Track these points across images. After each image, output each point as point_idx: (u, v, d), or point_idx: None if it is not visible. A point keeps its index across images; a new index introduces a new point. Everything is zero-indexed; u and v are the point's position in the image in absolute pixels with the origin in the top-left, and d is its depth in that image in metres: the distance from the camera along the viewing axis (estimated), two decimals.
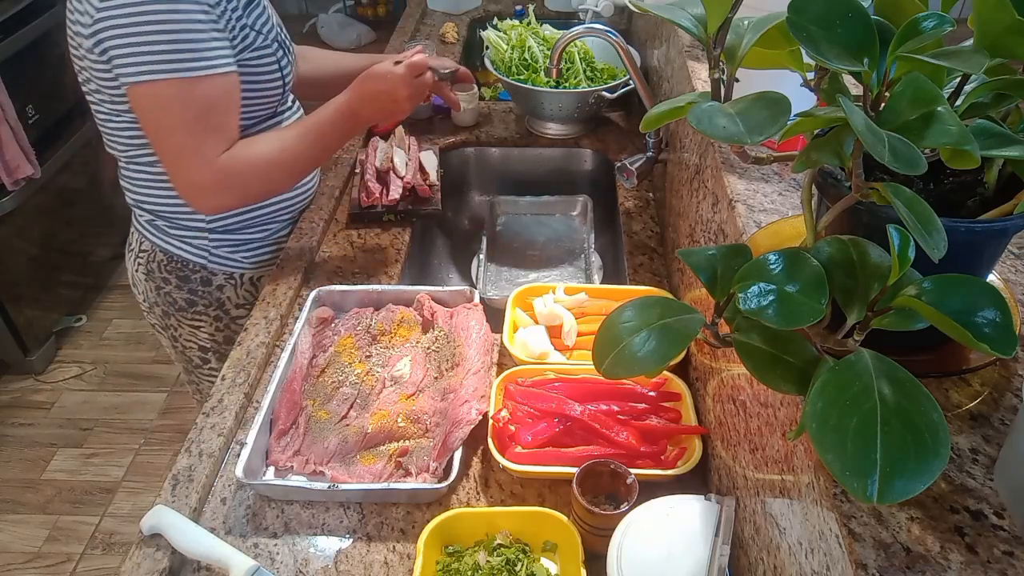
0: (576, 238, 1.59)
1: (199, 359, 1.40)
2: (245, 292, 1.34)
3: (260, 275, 1.34)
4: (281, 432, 0.99)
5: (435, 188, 1.44)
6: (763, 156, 0.61)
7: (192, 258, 1.27)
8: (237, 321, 1.35)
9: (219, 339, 1.37)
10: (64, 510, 2.11)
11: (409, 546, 0.88)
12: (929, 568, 0.46)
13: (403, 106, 1.14)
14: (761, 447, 0.70)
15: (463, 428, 0.95)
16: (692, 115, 0.50)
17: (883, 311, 0.47)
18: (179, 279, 1.29)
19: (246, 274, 1.33)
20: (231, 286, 1.32)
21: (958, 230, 0.48)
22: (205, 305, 1.32)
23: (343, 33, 4.54)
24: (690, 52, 1.22)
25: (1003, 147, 0.48)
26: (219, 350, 1.38)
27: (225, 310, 1.34)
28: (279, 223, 1.34)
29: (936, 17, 0.48)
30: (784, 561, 0.62)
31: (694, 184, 1.09)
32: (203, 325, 1.34)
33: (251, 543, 0.89)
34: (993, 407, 0.56)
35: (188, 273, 1.28)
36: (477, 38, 2.16)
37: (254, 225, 1.30)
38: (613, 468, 0.85)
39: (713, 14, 0.53)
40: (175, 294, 1.30)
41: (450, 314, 1.15)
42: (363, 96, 1.13)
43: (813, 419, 0.42)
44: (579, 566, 0.80)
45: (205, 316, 1.33)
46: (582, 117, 1.65)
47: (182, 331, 1.36)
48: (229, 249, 1.29)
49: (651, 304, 0.55)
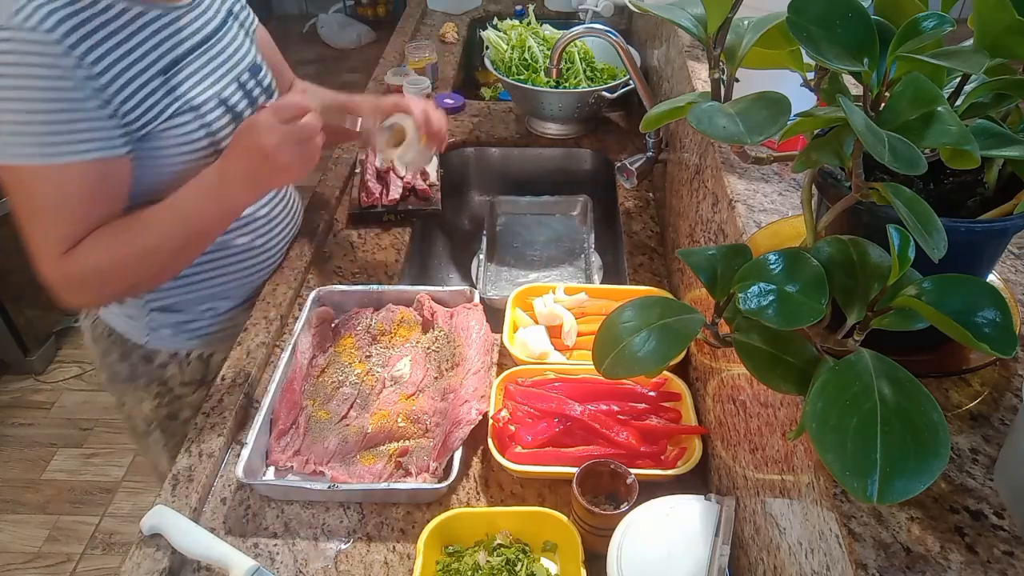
0: (576, 238, 1.59)
1: (143, 428, 1.26)
2: (193, 370, 1.20)
3: (212, 352, 1.19)
4: (281, 432, 0.99)
5: (435, 188, 1.44)
6: (763, 156, 0.61)
7: (130, 336, 1.15)
8: (182, 399, 1.22)
9: (162, 414, 1.23)
10: (64, 510, 2.11)
11: (409, 546, 0.88)
12: (929, 568, 0.46)
13: (276, 162, 0.90)
14: (761, 447, 0.70)
15: (463, 428, 0.95)
16: (692, 115, 0.50)
17: (883, 311, 0.47)
18: (120, 352, 1.17)
19: (193, 352, 1.19)
20: (175, 364, 1.18)
21: (958, 230, 0.48)
22: (146, 382, 1.19)
23: (343, 33, 4.54)
24: (690, 52, 1.22)
25: (1003, 147, 0.48)
26: (163, 424, 1.24)
27: (168, 387, 1.20)
28: (231, 300, 1.18)
29: (936, 17, 0.48)
30: (784, 561, 0.62)
31: (694, 184, 1.09)
32: (146, 399, 1.21)
33: (251, 543, 0.89)
34: (993, 407, 0.56)
35: (129, 348, 1.16)
36: (477, 38, 2.16)
37: (197, 304, 1.15)
38: (613, 468, 0.85)
39: (713, 14, 0.53)
40: (116, 366, 1.19)
41: (450, 314, 1.15)
42: (229, 157, 0.94)
43: (813, 419, 0.43)
44: (579, 566, 0.80)
45: (146, 392, 1.20)
46: (582, 117, 1.65)
47: (126, 399, 1.24)
48: (170, 330, 1.15)
49: (651, 304, 0.55)
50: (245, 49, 1.11)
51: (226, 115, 1.03)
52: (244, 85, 1.08)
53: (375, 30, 4.62)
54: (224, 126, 1.02)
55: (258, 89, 1.11)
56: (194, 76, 0.99)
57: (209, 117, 1.00)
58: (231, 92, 1.05)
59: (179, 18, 0.99)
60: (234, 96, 1.05)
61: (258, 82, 1.12)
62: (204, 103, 1.00)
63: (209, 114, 1.00)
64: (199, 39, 1.01)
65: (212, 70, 1.03)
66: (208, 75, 1.02)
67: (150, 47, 0.94)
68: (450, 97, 1.77)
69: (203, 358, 1.20)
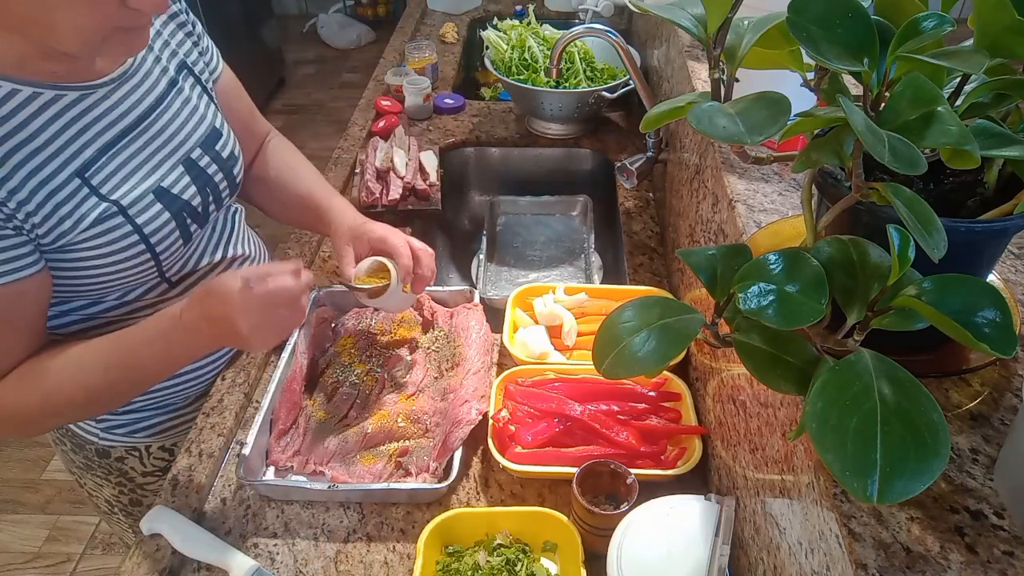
0: (576, 238, 1.59)
1: (106, 508, 1.19)
2: (156, 460, 1.10)
3: (175, 441, 1.10)
4: (281, 432, 0.99)
5: (435, 188, 1.44)
6: (763, 156, 0.61)
7: (82, 432, 1.05)
8: (145, 487, 1.13)
9: (124, 501, 1.15)
10: (64, 510, 2.11)
11: (409, 546, 0.88)
12: (929, 568, 0.46)
13: (250, 342, 0.80)
14: (761, 447, 0.70)
15: (463, 428, 0.95)
16: (692, 115, 0.50)
17: (883, 311, 0.47)
18: (73, 444, 1.07)
19: (153, 444, 1.09)
20: (135, 457, 1.09)
21: (958, 230, 0.48)
22: (105, 472, 1.10)
23: (343, 33, 4.55)
24: (690, 52, 1.22)
25: (1003, 147, 0.48)
26: (126, 509, 1.17)
27: (129, 478, 1.11)
28: (188, 395, 1.07)
29: (936, 17, 0.48)
30: (784, 561, 0.62)
31: (694, 184, 1.09)
32: (106, 486, 1.13)
33: (251, 543, 0.89)
34: (993, 407, 0.56)
35: (82, 442, 1.06)
36: (477, 38, 2.16)
37: (148, 408, 1.05)
38: (613, 468, 0.85)
39: (713, 14, 0.53)
40: (70, 455, 1.10)
41: (450, 314, 1.15)
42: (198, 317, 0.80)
43: (813, 419, 0.42)
44: (579, 566, 0.80)
45: (106, 480, 1.12)
46: (582, 117, 1.65)
47: (84, 482, 1.15)
48: (124, 430, 1.05)
49: (651, 304, 0.55)
50: (198, 117, 0.92)
51: (164, 211, 0.86)
52: (196, 163, 0.91)
53: (375, 30, 4.62)
54: (163, 224, 0.86)
55: (214, 166, 0.94)
56: (124, 168, 0.83)
57: (143, 217, 0.84)
58: (175, 178, 0.88)
59: (103, 99, 0.81)
60: (180, 182, 0.89)
61: (215, 154, 0.94)
62: (138, 199, 0.83)
63: (144, 212, 0.84)
64: (132, 119, 0.84)
65: (150, 155, 0.86)
66: (144, 162, 0.85)
67: (63, 142, 0.77)
68: (450, 97, 1.77)
69: (165, 448, 1.10)
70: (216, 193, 0.94)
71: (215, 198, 0.95)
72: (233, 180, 0.98)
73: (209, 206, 0.94)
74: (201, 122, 0.93)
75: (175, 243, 0.89)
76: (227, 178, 0.96)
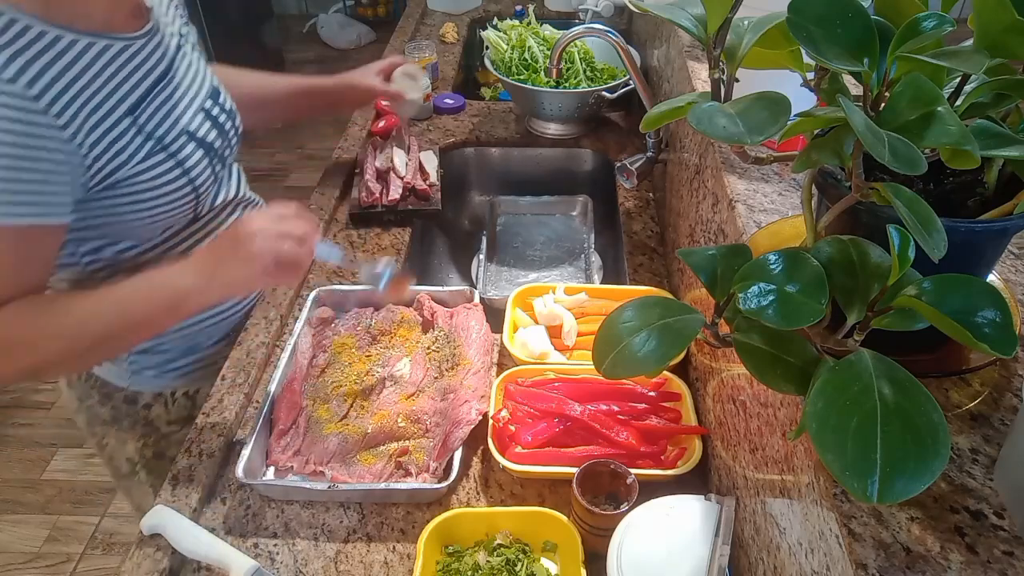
0: (576, 238, 1.59)
1: (127, 469, 1.22)
2: (180, 408, 1.16)
3: (198, 388, 1.16)
4: (281, 432, 0.99)
5: (435, 188, 1.44)
6: (763, 156, 0.61)
7: (110, 379, 1.11)
8: (169, 438, 1.18)
9: (148, 454, 1.19)
10: (64, 510, 2.11)
11: (409, 546, 0.88)
12: (929, 568, 0.46)
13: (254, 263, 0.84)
14: (761, 447, 0.70)
15: (463, 428, 0.95)
16: (692, 115, 0.50)
17: (883, 311, 0.47)
18: (101, 396, 1.12)
19: (179, 390, 1.15)
20: (160, 404, 1.14)
21: (958, 230, 0.48)
22: (131, 423, 1.15)
23: (343, 33, 4.55)
24: (690, 52, 1.22)
25: (1003, 147, 0.48)
26: (149, 465, 1.21)
27: (154, 427, 1.17)
28: (214, 336, 1.14)
29: (936, 17, 0.48)
30: (784, 561, 0.62)
31: (694, 184, 1.09)
32: (130, 440, 1.18)
33: (251, 543, 0.89)
34: (993, 407, 0.56)
35: (110, 391, 1.12)
36: (477, 38, 2.16)
37: (180, 343, 1.11)
38: (613, 468, 0.85)
39: (713, 14, 0.53)
40: (96, 409, 1.14)
41: (450, 314, 1.15)
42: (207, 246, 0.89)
43: (813, 419, 0.42)
44: (579, 566, 0.80)
45: (130, 433, 1.17)
46: (582, 117, 1.65)
47: (108, 441, 1.19)
48: (153, 371, 1.11)
49: (651, 304, 0.55)
50: (203, 73, 1.03)
51: (198, 149, 0.96)
52: (209, 112, 1.00)
53: (375, 30, 4.62)
54: (198, 162, 0.95)
55: (224, 115, 1.03)
56: (160, 111, 0.91)
57: (182, 154, 0.93)
58: (198, 123, 0.97)
59: (139, 50, 0.90)
60: (202, 127, 0.98)
61: (220, 106, 1.03)
62: (177, 138, 0.93)
63: (181, 151, 0.93)
64: (160, 71, 0.93)
65: (176, 102, 0.94)
66: (173, 108, 0.94)
67: (115, 85, 0.86)
68: (450, 97, 1.77)
69: (189, 395, 1.16)
70: (228, 139, 1.05)
71: (229, 144, 1.05)
72: (237, 129, 1.08)
73: (226, 150, 1.04)
74: (205, 77, 1.03)
75: (208, 179, 0.99)
76: (234, 127, 1.07)
